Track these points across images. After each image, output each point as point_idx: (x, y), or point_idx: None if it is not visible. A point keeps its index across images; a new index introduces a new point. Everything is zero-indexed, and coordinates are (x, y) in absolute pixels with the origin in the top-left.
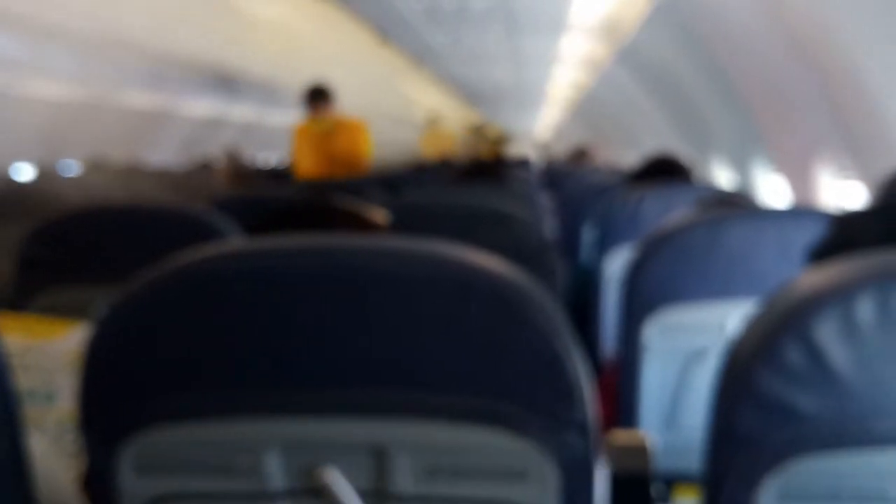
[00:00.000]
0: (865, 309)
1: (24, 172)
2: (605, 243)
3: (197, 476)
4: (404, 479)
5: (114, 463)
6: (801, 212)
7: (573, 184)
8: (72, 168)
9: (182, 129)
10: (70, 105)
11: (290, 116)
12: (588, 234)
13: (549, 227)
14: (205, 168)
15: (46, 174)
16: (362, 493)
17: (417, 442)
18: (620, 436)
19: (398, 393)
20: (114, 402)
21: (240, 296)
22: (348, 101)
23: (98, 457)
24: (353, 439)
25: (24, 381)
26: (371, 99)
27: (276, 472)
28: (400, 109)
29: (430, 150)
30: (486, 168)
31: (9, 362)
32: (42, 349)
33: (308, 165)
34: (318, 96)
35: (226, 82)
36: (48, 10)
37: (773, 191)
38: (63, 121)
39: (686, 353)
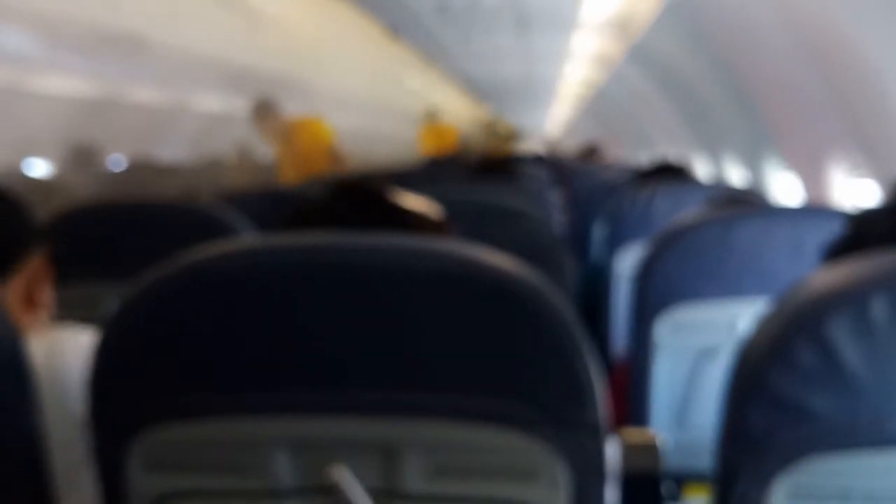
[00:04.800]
0: (879, 308)
1: (36, 168)
2: (615, 241)
3: (206, 474)
4: (414, 479)
5: (123, 460)
6: (814, 210)
7: (584, 181)
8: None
9: (192, 125)
10: (81, 101)
11: (301, 113)
12: (598, 232)
13: (559, 224)
14: (215, 164)
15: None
16: (372, 492)
17: (427, 441)
18: (631, 434)
19: (408, 392)
20: (123, 399)
21: (250, 293)
22: (358, 98)
23: (107, 453)
24: (363, 438)
25: None
26: (381, 95)
27: (285, 471)
28: (410, 106)
29: (428, 146)
30: (497, 165)
31: (26, 350)
32: None
33: (289, 176)
34: (262, 110)
35: (236, 79)
36: (57, 5)
37: (785, 189)
38: (75, 117)
39: (697, 351)
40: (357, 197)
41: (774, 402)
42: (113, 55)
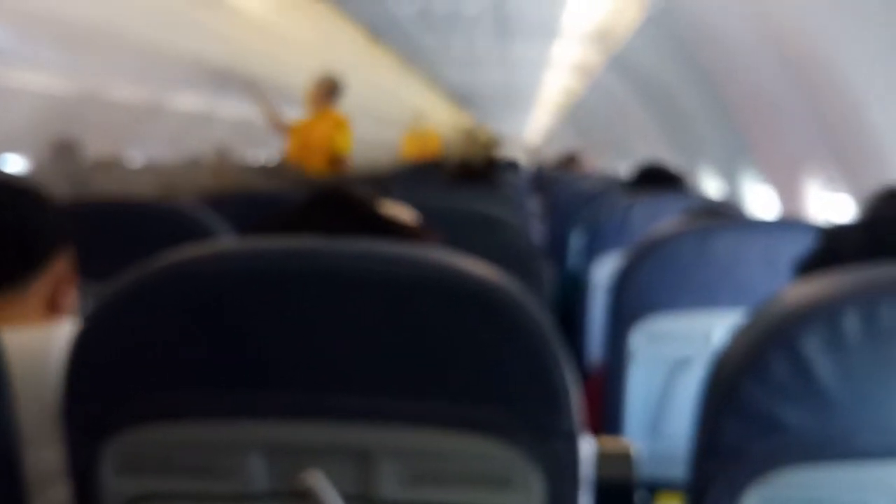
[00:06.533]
0: (851, 323)
1: (12, 164)
2: (592, 250)
3: (179, 476)
4: (389, 485)
5: (96, 461)
6: (789, 223)
7: (562, 189)
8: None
9: (170, 124)
10: (58, 98)
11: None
12: (576, 241)
13: (537, 232)
14: (193, 164)
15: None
16: (347, 498)
17: (403, 448)
18: (605, 442)
19: (384, 398)
20: (97, 399)
21: (226, 296)
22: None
23: (80, 454)
24: (338, 444)
25: None
26: (361, 99)
27: (259, 475)
28: (390, 110)
29: (412, 151)
30: (477, 171)
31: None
32: None
33: (292, 149)
34: (331, 85)
35: (214, 78)
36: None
37: (760, 202)
38: (52, 113)
39: (672, 361)
40: (335, 202)
41: (747, 414)
42: (90, 52)
